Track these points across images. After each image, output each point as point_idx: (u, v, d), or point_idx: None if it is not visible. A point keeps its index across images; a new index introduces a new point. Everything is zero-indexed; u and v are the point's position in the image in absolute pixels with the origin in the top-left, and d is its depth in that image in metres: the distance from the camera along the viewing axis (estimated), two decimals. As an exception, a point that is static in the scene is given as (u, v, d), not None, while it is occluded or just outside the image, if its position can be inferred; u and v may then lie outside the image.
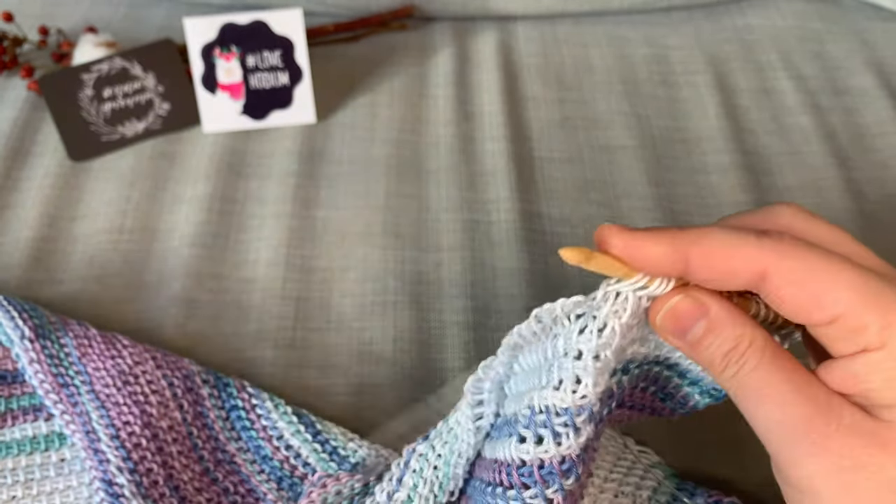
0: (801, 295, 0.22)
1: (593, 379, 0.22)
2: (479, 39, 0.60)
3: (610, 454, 0.34)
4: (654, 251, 0.22)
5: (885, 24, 0.61)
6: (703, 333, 0.23)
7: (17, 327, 0.37)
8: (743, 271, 0.22)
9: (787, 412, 0.22)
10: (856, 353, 0.22)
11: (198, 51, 0.50)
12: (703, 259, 0.22)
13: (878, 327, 0.21)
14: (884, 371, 0.21)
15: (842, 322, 0.22)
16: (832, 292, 0.21)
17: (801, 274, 0.22)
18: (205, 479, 0.35)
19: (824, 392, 0.22)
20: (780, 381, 0.22)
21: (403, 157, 0.51)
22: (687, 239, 0.22)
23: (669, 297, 0.23)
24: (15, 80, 0.55)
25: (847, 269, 0.22)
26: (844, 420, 0.22)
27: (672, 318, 0.23)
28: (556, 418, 0.23)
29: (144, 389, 0.36)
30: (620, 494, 0.33)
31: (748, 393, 0.23)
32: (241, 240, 0.46)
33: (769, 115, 0.54)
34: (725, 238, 0.22)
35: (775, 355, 0.23)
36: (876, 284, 0.21)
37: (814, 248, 0.22)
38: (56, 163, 0.50)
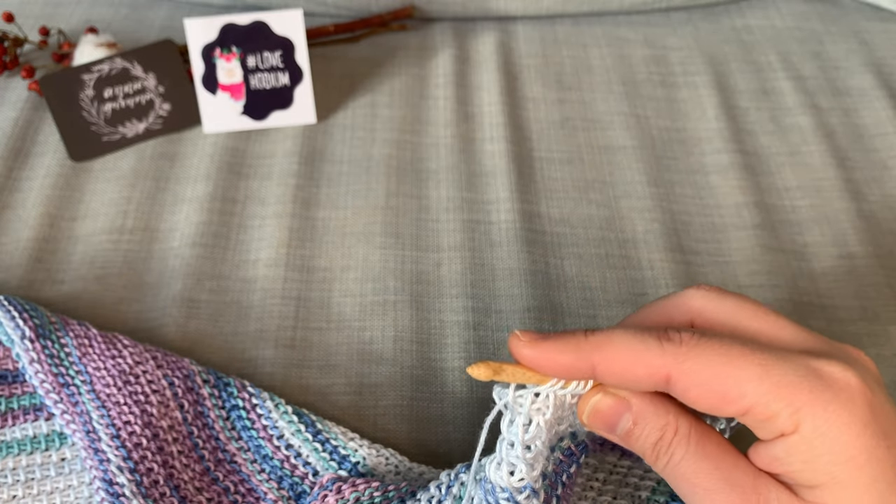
0: (708, 395, 0.22)
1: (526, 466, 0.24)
2: (479, 40, 0.60)
3: (610, 454, 0.35)
4: (561, 360, 0.23)
5: (884, 25, 0.61)
6: (629, 427, 0.24)
7: (17, 327, 0.37)
8: (647, 377, 0.23)
9: (717, 500, 0.23)
10: (775, 439, 0.22)
11: (198, 51, 0.50)
12: (607, 366, 0.23)
13: (787, 413, 0.22)
14: (801, 454, 0.22)
15: (753, 414, 0.22)
16: (735, 389, 0.22)
17: (703, 375, 0.22)
18: (205, 478, 0.35)
19: (751, 476, 0.23)
20: (708, 469, 0.23)
21: (403, 158, 0.51)
22: (590, 347, 0.23)
23: (591, 396, 0.24)
24: (16, 80, 0.55)
25: (746, 361, 0.22)
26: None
27: (598, 417, 0.24)
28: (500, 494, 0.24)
29: (145, 389, 0.36)
30: (619, 496, 0.33)
31: (680, 482, 0.23)
32: (241, 240, 0.46)
33: (768, 116, 0.54)
34: (627, 344, 0.23)
35: (700, 442, 0.23)
36: (778, 370, 0.22)
37: (713, 343, 0.22)
38: (57, 163, 0.50)
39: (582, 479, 0.33)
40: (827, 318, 0.42)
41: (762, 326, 0.24)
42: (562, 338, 0.23)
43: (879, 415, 0.22)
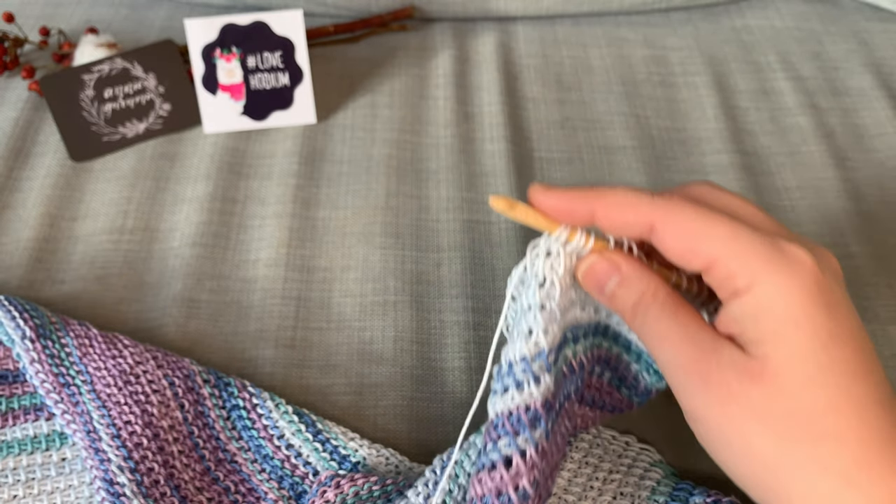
0: (679, 244, 0.26)
1: (542, 326, 0.26)
2: (479, 40, 0.60)
3: (611, 453, 0.35)
4: (566, 205, 0.27)
5: (884, 25, 0.62)
6: (615, 287, 0.27)
7: (18, 327, 0.37)
8: (635, 223, 0.26)
9: (680, 354, 0.26)
10: (731, 298, 0.25)
11: (198, 51, 0.50)
12: (605, 211, 0.27)
13: (743, 274, 0.25)
14: (751, 312, 0.25)
15: (714, 269, 0.25)
16: (705, 243, 0.25)
17: (679, 226, 0.26)
18: (206, 478, 0.35)
19: (711, 336, 0.26)
20: (676, 327, 0.26)
21: (403, 158, 0.51)
22: (593, 195, 0.27)
23: (589, 258, 0.27)
24: (16, 80, 0.55)
25: (720, 223, 0.25)
26: (723, 359, 0.25)
27: (591, 275, 0.28)
28: (517, 367, 0.26)
29: (145, 389, 0.36)
30: (619, 496, 0.33)
31: (651, 338, 0.27)
32: (241, 240, 0.46)
33: (768, 116, 0.54)
34: (624, 195, 0.27)
35: (675, 306, 0.27)
36: (746, 236, 0.25)
37: (697, 206, 0.26)
38: (57, 163, 0.50)
39: (583, 478, 0.34)
40: (826, 318, 0.42)
41: (746, 212, 0.27)
42: (572, 188, 0.27)
43: (825, 291, 0.25)
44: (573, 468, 0.34)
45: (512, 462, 0.25)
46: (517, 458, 0.25)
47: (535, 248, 0.27)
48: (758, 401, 0.24)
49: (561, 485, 0.33)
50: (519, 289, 0.27)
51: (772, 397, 0.24)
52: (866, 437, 0.24)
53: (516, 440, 0.25)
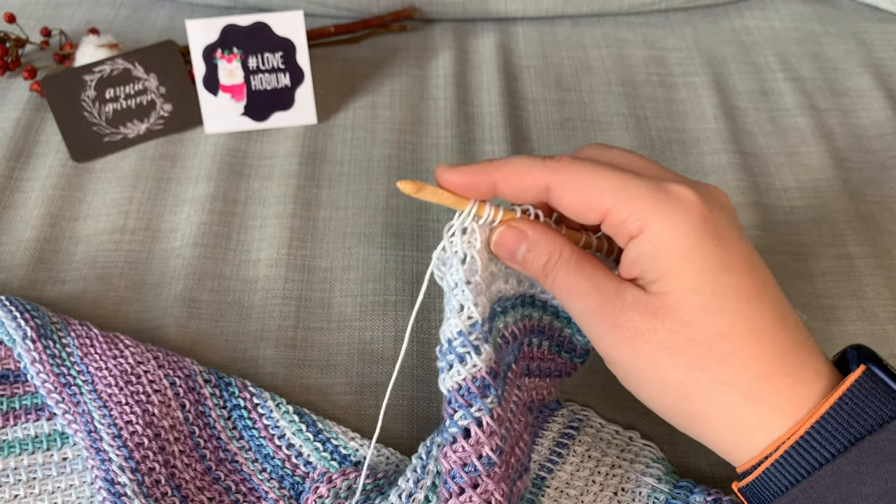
0: (574, 200, 0.28)
1: (472, 299, 0.27)
2: (479, 41, 0.60)
3: (614, 448, 0.35)
4: (469, 179, 0.28)
5: (883, 26, 0.62)
6: (525, 253, 0.29)
7: (19, 327, 0.38)
8: (532, 187, 0.28)
9: (588, 303, 0.28)
10: (627, 243, 0.27)
11: (199, 52, 0.50)
12: (504, 180, 0.28)
13: (634, 218, 0.26)
14: (646, 252, 0.26)
15: (609, 219, 0.27)
16: (595, 196, 0.27)
17: (572, 184, 0.27)
18: (206, 478, 0.36)
19: (615, 283, 0.28)
20: (582, 279, 0.28)
21: (404, 158, 0.51)
22: (493, 167, 0.28)
23: (497, 229, 0.29)
24: (17, 81, 0.55)
25: (607, 175, 0.27)
26: (627, 300, 0.27)
27: (501, 245, 0.29)
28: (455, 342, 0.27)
29: (146, 389, 0.37)
30: (621, 491, 0.33)
31: (562, 293, 0.29)
32: (242, 240, 0.46)
33: (767, 116, 0.54)
34: (520, 163, 0.28)
35: (580, 261, 0.28)
36: (632, 183, 0.27)
37: (585, 163, 0.28)
38: (58, 163, 0.50)
39: (585, 472, 0.34)
40: (825, 318, 0.42)
41: (635, 163, 0.29)
42: (474, 164, 0.29)
43: (712, 224, 0.26)
44: (576, 462, 0.34)
45: (470, 432, 0.26)
46: (474, 428, 0.26)
47: (450, 229, 0.28)
48: (663, 334, 0.26)
49: (563, 479, 0.33)
50: (441, 269, 0.28)
51: (675, 329, 0.26)
52: (765, 354, 0.26)
53: (470, 410, 0.26)
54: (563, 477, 0.33)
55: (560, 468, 0.34)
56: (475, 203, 0.28)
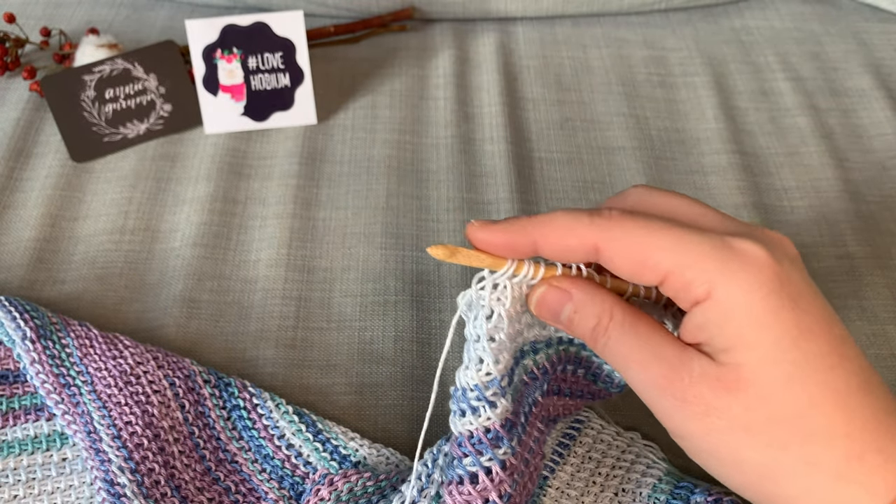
0: (629, 262, 0.25)
1: (492, 357, 0.26)
2: (479, 41, 0.60)
3: (615, 449, 0.35)
4: (507, 239, 0.26)
5: (883, 26, 0.62)
6: (571, 315, 0.26)
7: (18, 328, 0.37)
8: (579, 247, 0.25)
9: (650, 374, 0.25)
10: (692, 307, 0.24)
11: (199, 52, 0.50)
12: (545, 240, 0.26)
13: (700, 281, 0.24)
14: (714, 319, 0.24)
15: (670, 282, 0.24)
16: (654, 256, 0.24)
17: (624, 243, 0.25)
18: (206, 478, 0.36)
19: (678, 349, 0.25)
20: (640, 347, 0.25)
21: (404, 158, 0.51)
22: (532, 225, 0.26)
23: (538, 288, 0.27)
24: (17, 81, 0.55)
25: (663, 232, 0.24)
26: (694, 372, 0.24)
27: (543, 306, 0.27)
28: (471, 394, 0.26)
29: (146, 389, 0.36)
30: (621, 492, 0.33)
31: (618, 361, 0.26)
32: (242, 240, 0.46)
33: (767, 116, 0.54)
34: (562, 220, 0.26)
35: (634, 324, 0.26)
36: (694, 241, 0.24)
37: (637, 217, 0.25)
38: (58, 163, 0.50)
39: (586, 474, 0.34)
40: (826, 318, 0.42)
41: (689, 212, 0.26)
42: (510, 220, 0.26)
43: (786, 283, 0.24)
44: (576, 463, 0.34)
45: (478, 478, 0.25)
46: (482, 476, 0.25)
47: (480, 281, 0.26)
48: (738, 412, 0.24)
49: (564, 479, 0.33)
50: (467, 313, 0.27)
51: (752, 406, 0.23)
52: (853, 431, 0.23)
53: (480, 459, 0.25)
54: (564, 478, 0.33)
55: (561, 469, 0.34)
56: (513, 263, 0.26)
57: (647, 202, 0.27)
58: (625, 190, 0.28)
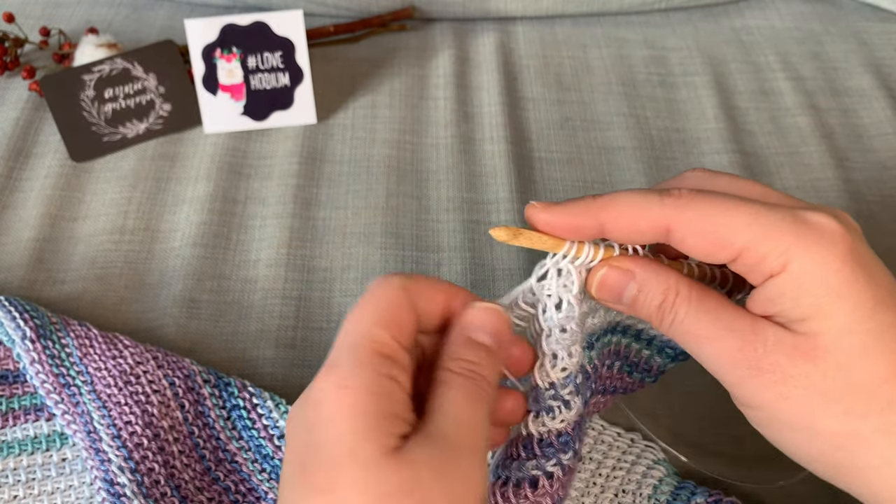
0: (704, 241, 0.25)
1: (567, 349, 0.25)
2: (479, 40, 0.60)
3: (615, 449, 0.35)
4: (572, 221, 0.25)
5: (884, 25, 0.62)
6: (635, 294, 0.26)
7: (18, 327, 0.37)
8: (649, 229, 0.25)
9: (723, 346, 0.25)
10: (766, 280, 0.24)
11: (199, 52, 0.50)
12: (614, 222, 0.25)
13: (775, 254, 0.24)
14: (789, 290, 0.24)
15: (744, 257, 0.24)
16: (728, 234, 0.24)
17: (699, 223, 0.24)
18: (206, 478, 0.36)
19: (749, 321, 0.25)
20: (710, 321, 0.25)
21: (404, 158, 0.51)
22: (598, 206, 0.25)
23: (598, 271, 0.26)
24: (16, 80, 0.55)
25: (738, 209, 0.24)
26: (769, 341, 0.24)
27: (605, 288, 0.26)
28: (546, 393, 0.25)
29: (146, 389, 0.36)
30: (621, 493, 0.33)
31: (687, 338, 0.26)
32: (242, 240, 0.46)
33: (767, 116, 0.54)
34: (631, 201, 0.25)
35: (701, 299, 0.25)
36: (767, 217, 0.24)
37: (708, 196, 0.25)
38: (57, 163, 0.50)
39: (586, 474, 0.34)
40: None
41: (752, 191, 0.26)
42: (573, 201, 0.26)
43: (858, 255, 0.24)
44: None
45: (538, 483, 0.24)
46: (543, 480, 0.24)
47: (542, 268, 0.26)
48: (816, 379, 0.24)
49: None
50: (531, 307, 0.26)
51: (830, 374, 0.23)
52: None
53: (545, 464, 0.25)
54: None
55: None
56: (574, 244, 0.26)
57: (710, 184, 0.27)
58: (682, 173, 0.28)
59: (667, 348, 0.31)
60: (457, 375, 0.25)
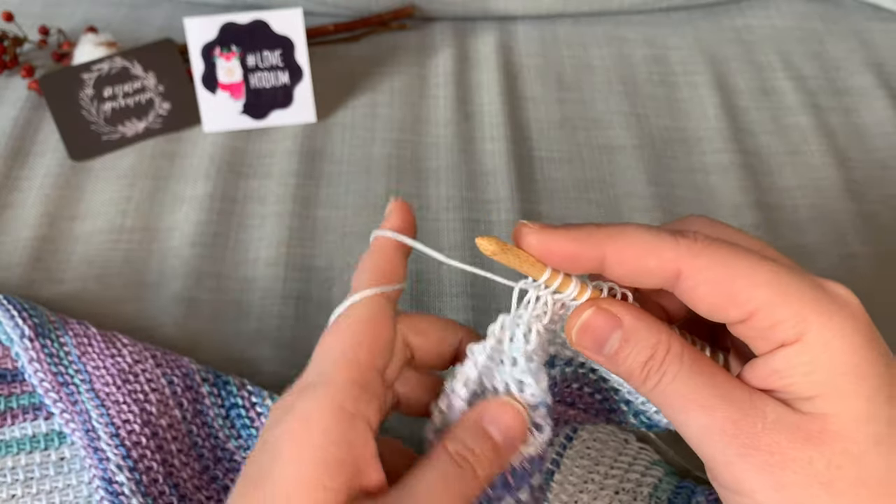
0: (716, 293, 0.22)
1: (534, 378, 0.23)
2: (479, 39, 0.60)
3: (610, 449, 0.35)
4: (570, 248, 0.22)
5: (885, 25, 0.62)
6: (619, 345, 0.23)
7: (17, 326, 0.37)
8: (658, 270, 0.22)
9: (715, 416, 0.22)
10: (775, 350, 0.22)
11: (198, 50, 0.50)
12: (619, 256, 0.22)
13: (792, 322, 0.21)
14: (802, 364, 0.21)
15: (757, 318, 0.21)
16: (746, 289, 0.21)
17: (714, 272, 0.22)
18: (204, 476, 0.35)
19: (747, 392, 0.22)
20: (703, 385, 0.22)
21: (403, 157, 0.51)
22: (603, 235, 0.22)
23: (582, 311, 0.23)
24: (15, 79, 0.55)
25: (759, 266, 0.22)
26: (769, 418, 0.21)
27: (587, 332, 0.23)
28: None
29: (144, 388, 0.36)
30: (622, 491, 0.33)
31: (673, 401, 0.23)
32: (241, 239, 0.46)
33: (768, 115, 0.54)
34: (642, 236, 0.22)
35: (694, 360, 0.23)
36: (787, 279, 0.21)
37: (727, 245, 0.22)
38: (56, 162, 0.50)
39: (582, 470, 0.33)
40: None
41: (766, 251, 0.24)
42: (573, 226, 0.23)
43: (877, 336, 0.22)
44: (568, 464, 0.34)
45: None
46: None
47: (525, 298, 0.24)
48: (820, 467, 0.21)
49: (557, 479, 0.33)
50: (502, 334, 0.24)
51: (837, 462, 0.21)
52: None
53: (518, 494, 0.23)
54: (558, 478, 0.33)
55: (558, 471, 0.33)
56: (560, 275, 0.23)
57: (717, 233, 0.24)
58: (685, 217, 0.25)
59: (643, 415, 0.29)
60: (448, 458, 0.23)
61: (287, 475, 0.21)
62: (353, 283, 0.26)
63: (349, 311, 0.25)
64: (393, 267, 0.27)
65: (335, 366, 0.24)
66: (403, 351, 0.27)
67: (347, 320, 0.25)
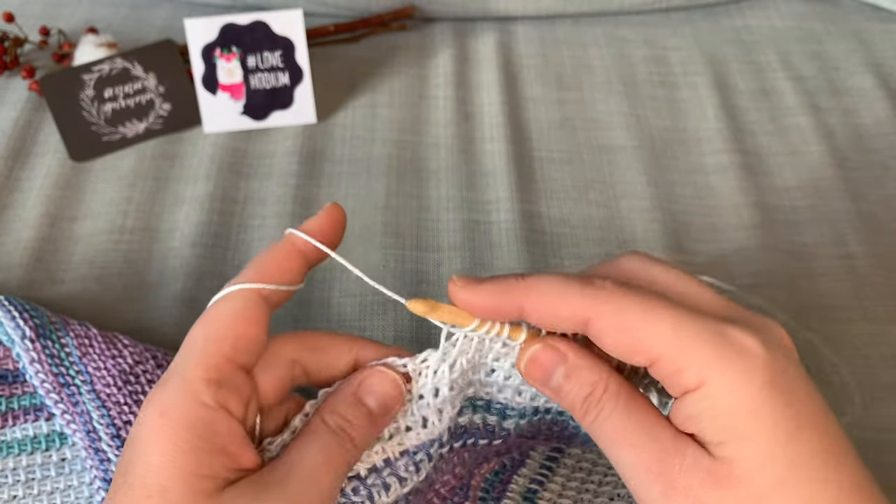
0: (620, 341, 0.23)
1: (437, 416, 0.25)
2: (479, 40, 0.60)
3: (605, 458, 0.35)
4: (492, 302, 0.24)
5: (884, 25, 0.62)
6: (562, 380, 0.25)
7: (18, 327, 0.37)
8: (568, 318, 0.24)
9: (641, 455, 0.23)
10: (682, 395, 0.23)
11: (198, 51, 0.50)
12: (534, 308, 0.24)
13: (693, 369, 0.22)
14: (706, 409, 0.22)
15: (660, 365, 0.23)
16: (646, 338, 0.23)
17: (616, 320, 0.23)
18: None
19: (672, 434, 0.23)
20: (633, 425, 0.24)
21: (404, 158, 0.51)
22: (520, 289, 0.24)
23: (531, 346, 0.25)
24: (16, 80, 0.55)
25: (661, 315, 0.23)
26: (686, 460, 0.23)
27: (536, 366, 0.25)
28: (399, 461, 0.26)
29: (145, 389, 0.36)
30: (616, 496, 0.33)
31: (608, 436, 0.24)
32: (241, 240, 0.46)
33: (768, 116, 0.54)
34: (553, 287, 0.24)
35: (629, 400, 0.24)
36: (690, 325, 0.23)
37: (632, 294, 0.23)
38: (57, 163, 0.50)
39: (576, 482, 0.34)
40: (827, 318, 0.42)
41: (685, 290, 0.25)
42: (495, 281, 0.25)
43: (780, 376, 0.23)
44: (566, 473, 0.34)
45: None
46: None
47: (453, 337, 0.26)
48: None
49: (555, 490, 0.33)
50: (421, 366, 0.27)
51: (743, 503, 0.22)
52: None
53: None
54: (555, 489, 0.33)
55: (551, 480, 0.33)
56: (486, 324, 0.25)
57: (643, 274, 0.25)
58: (620, 255, 0.27)
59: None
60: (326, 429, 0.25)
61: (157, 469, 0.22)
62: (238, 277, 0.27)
63: (219, 303, 0.26)
64: (283, 267, 0.28)
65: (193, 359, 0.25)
66: (290, 368, 0.28)
67: (216, 313, 0.26)
